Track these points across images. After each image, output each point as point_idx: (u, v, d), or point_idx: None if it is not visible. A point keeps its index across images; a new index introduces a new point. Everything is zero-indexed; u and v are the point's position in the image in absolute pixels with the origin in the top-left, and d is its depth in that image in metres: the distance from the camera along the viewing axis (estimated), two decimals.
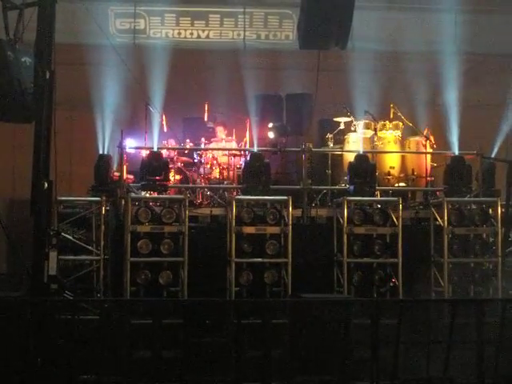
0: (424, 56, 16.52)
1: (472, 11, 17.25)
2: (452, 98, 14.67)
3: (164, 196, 12.28)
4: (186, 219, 11.63)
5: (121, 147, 12.82)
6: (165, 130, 14.16)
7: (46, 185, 10.05)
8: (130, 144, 13.39)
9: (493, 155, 14.14)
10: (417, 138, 13.99)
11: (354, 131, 13.97)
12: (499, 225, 12.24)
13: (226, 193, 13.18)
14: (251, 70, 15.93)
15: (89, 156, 14.19)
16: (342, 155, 13.80)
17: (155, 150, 12.65)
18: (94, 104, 15.29)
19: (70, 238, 11.83)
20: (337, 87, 15.44)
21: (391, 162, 13.71)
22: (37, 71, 10.03)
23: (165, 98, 14.16)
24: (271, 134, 14.75)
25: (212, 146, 14.14)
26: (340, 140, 14.11)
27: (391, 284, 11.96)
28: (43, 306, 9.54)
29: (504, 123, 15.28)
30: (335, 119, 14.52)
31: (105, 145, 14.35)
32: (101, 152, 14.06)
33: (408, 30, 16.93)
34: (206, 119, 15.08)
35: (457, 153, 13.39)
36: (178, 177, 13.60)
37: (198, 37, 17.78)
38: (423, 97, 16.18)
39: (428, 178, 13.73)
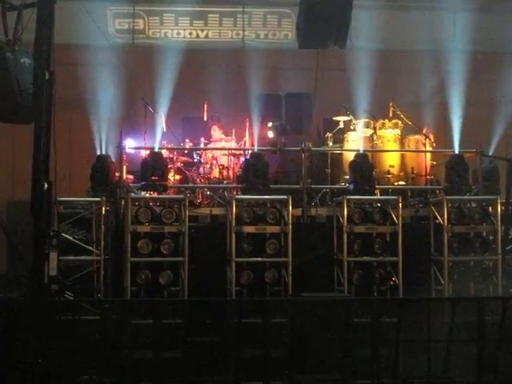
0: (423, 54, 16.52)
1: (471, 9, 17.24)
2: (451, 96, 14.67)
3: (164, 196, 12.29)
4: (186, 219, 11.64)
5: (120, 147, 12.82)
6: (164, 130, 14.16)
7: (46, 185, 10.06)
8: (130, 144, 13.39)
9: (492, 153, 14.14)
10: (416, 137, 13.99)
11: (354, 130, 13.97)
12: (499, 223, 12.25)
13: (225, 192, 13.18)
14: (250, 69, 15.92)
15: (89, 156, 14.17)
16: (341, 154, 13.80)
17: (156, 150, 12.65)
18: (94, 104, 15.29)
19: (71, 238, 11.81)
20: (336, 86, 15.44)
21: (391, 160, 13.71)
22: (36, 72, 10.04)
23: (164, 98, 14.16)
24: (271, 134, 14.75)
25: (211, 145, 14.14)
26: (339, 139, 14.12)
27: (391, 283, 11.97)
28: (44, 307, 9.54)
29: (504, 121, 15.29)
30: (334, 118, 14.52)
31: (103, 145, 14.32)
32: (99, 152, 13.99)
33: (407, 28, 16.91)
34: (205, 119, 15.08)
35: (457, 151, 13.40)
36: (177, 177, 13.60)
37: (197, 36, 17.77)
38: (422, 95, 16.17)
39: (428, 177, 13.74)
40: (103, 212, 11.84)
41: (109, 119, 14.90)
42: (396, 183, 13.60)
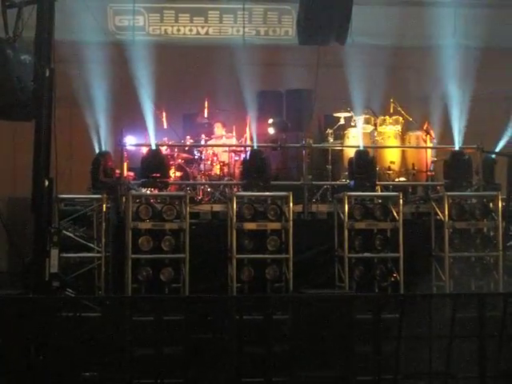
0: (424, 50, 16.50)
1: (471, 5, 17.23)
2: (452, 92, 14.66)
3: (165, 193, 12.29)
4: (187, 216, 11.63)
5: (121, 145, 12.81)
6: (165, 126, 14.15)
7: (47, 182, 10.07)
8: (130, 141, 13.38)
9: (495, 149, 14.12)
10: (417, 133, 13.99)
11: (354, 126, 13.96)
12: (500, 219, 12.24)
13: (226, 189, 13.18)
14: (251, 66, 15.90)
15: (89, 153, 14.17)
16: (342, 150, 13.80)
17: (153, 147, 12.64)
18: (94, 101, 15.28)
19: (71, 235, 11.84)
20: (337, 83, 15.42)
21: (391, 156, 13.72)
22: (36, 69, 10.04)
23: (164, 95, 14.15)
24: (271, 130, 14.74)
25: (212, 142, 14.13)
26: (340, 135, 14.11)
27: (392, 279, 11.96)
28: (45, 304, 9.55)
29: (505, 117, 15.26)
30: (335, 114, 14.51)
31: (104, 142, 14.32)
32: (98, 149, 13.97)
33: (408, 24, 16.89)
34: (206, 116, 15.07)
35: (457, 147, 13.38)
36: (178, 174, 13.60)
37: (198, 33, 17.77)
38: (423, 91, 16.15)
39: (428, 173, 13.74)
40: (104, 209, 11.85)
41: (109, 116, 14.90)
42: (397, 179, 13.60)
